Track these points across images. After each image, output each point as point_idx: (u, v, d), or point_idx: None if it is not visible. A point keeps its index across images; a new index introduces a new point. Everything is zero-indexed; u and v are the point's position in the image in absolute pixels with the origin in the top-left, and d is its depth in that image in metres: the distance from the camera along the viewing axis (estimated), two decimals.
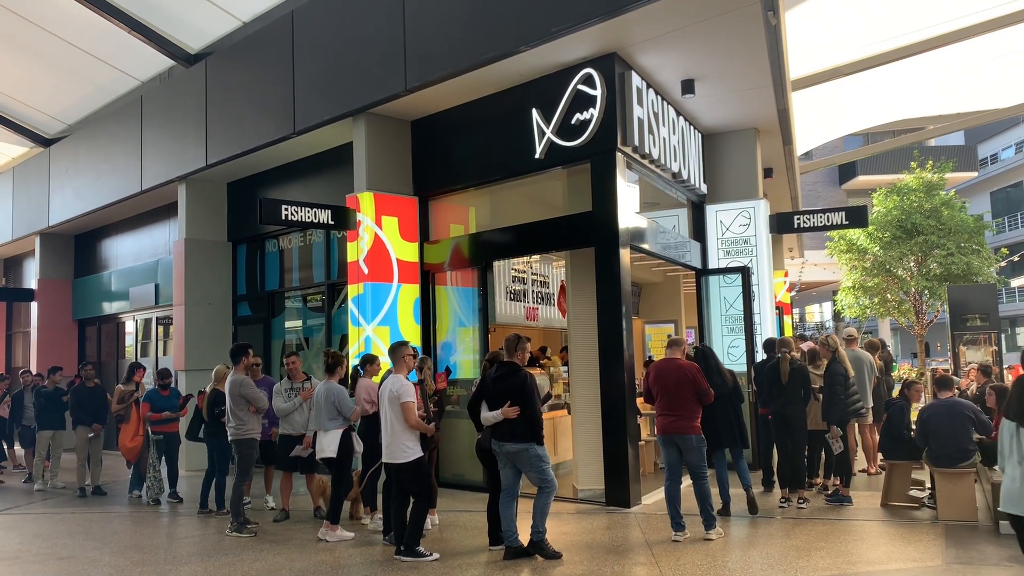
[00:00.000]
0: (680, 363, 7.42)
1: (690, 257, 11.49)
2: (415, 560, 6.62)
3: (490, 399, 6.86)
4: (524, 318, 12.01)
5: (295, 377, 8.64)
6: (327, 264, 12.24)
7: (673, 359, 7.49)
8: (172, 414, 10.20)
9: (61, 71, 14.92)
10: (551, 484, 6.73)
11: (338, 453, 7.74)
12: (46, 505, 10.30)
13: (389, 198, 10.31)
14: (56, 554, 7.36)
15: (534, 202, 10.93)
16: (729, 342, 11.52)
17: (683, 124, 10.79)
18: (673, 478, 7.41)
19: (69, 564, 6.96)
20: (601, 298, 8.93)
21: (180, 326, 13.46)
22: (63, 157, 16.70)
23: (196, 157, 12.91)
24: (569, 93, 9.05)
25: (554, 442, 11.26)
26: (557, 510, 8.57)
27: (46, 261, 18.22)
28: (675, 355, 7.53)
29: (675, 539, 7.15)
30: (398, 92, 9.73)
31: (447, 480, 10.29)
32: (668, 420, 7.33)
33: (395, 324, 10.09)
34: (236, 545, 7.54)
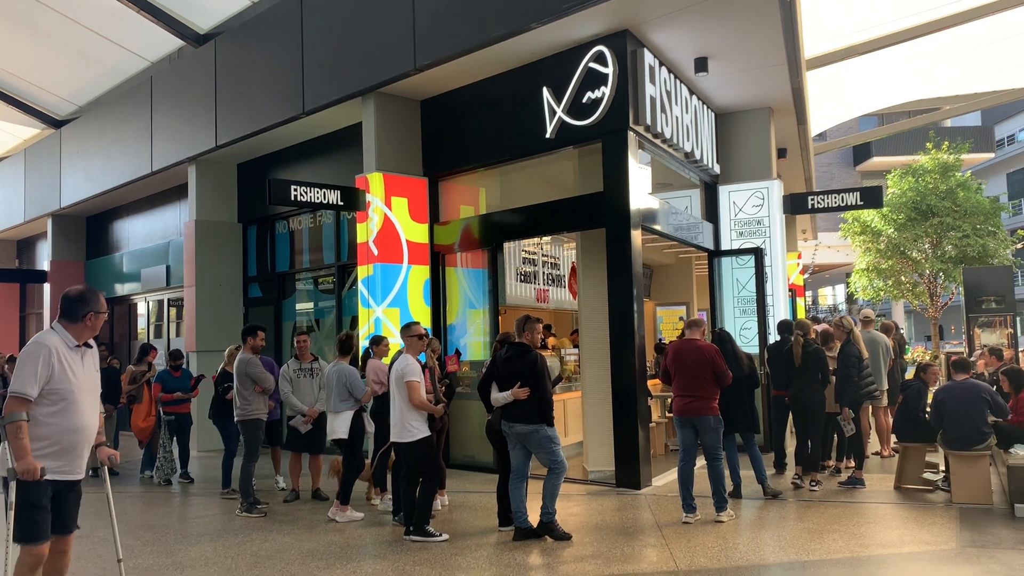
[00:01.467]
0: (699, 344, 7.36)
1: (702, 238, 11.39)
2: (424, 540, 6.61)
3: (500, 380, 6.83)
4: (535, 300, 11.97)
5: (303, 357, 8.61)
6: (337, 245, 12.20)
7: (692, 340, 7.43)
8: (184, 395, 10.22)
9: (72, 52, 14.88)
10: (561, 465, 6.69)
11: (349, 434, 7.74)
12: None
13: (399, 179, 10.24)
14: None
15: (545, 183, 10.85)
16: (741, 324, 11.43)
17: (696, 103, 10.66)
18: (687, 459, 7.37)
19: (80, 543, 6.95)
20: (612, 280, 8.86)
21: (191, 307, 13.48)
22: (74, 138, 16.70)
23: (206, 138, 12.87)
24: (580, 71, 8.94)
25: (564, 423, 11.24)
26: (567, 491, 8.54)
27: (58, 243, 18.28)
28: (694, 336, 7.47)
29: (686, 521, 7.11)
30: (407, 71, 9.64)
31: (457, 461, 10.29)
32: (686, 401, 7.28)
33: (405, 306, 10.06)
34: (246, 525, 7.56)
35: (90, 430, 4.34)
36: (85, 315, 4.31)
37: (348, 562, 6.14)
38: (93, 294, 4.38)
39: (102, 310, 4.39)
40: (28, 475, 4.02)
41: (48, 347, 4.16)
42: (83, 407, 4.26)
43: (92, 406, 4.34)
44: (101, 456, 4.56)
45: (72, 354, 4.26)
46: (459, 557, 6.20)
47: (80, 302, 4.32)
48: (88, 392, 4.31)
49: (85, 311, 4.31)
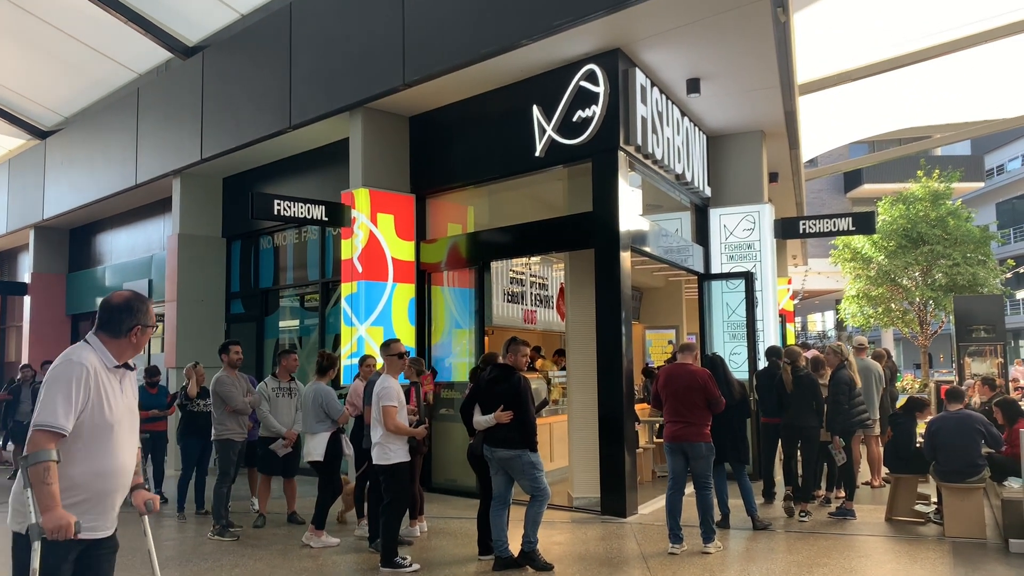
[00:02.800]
0: (692, 368, 7.18)
1: (692, 261, 11.24)
2: (393, 571, 6.36)
3: (483, 403, 6.62)
4: (522, 320, 11.78)
5: (282, 376, 8.35)
6: (322, 262, 12.00)
7: (684, 364, 7.25)
8: (160, 412, 9.95)
9: (58, 62, 14.68)
10: (544, 492, 6.48)
11: (325, 456, 7.49)
12: None
13: (385, 195, 10.06)
14: None
15: (534, 202, 10.70)
16: (731, 349, 11.26)
17: (688, 125, 10.54)
18: (676, 487, 7.16)
19: None
20: (600, 301, 8.68)
21: (172, 323, 13.22)
22: (59, 149, 16.48)
23: (191, 151, 12.68)
24: (571, 90, 8.81)
25: (551, 447, 11.02)
26: (551, 519, 8.32)
27: (40, 255, 18.01)
28: (686, 360, 7.29)
29: (672, 551, 6.89)
30: (396, 86, 9.49)
31: (440, 485, 10.05)
32: (677, 427, 7.08)
33: (389, 324, 9.84)
34: (217, 549, 7.29)
35: (127, 473, 3.39)
36: (131, 329, 3.39)
37: None
38: (142, 303, 3.47)
39: (151, 323, 3.48)
40: (58, 533, 3.05)
41: (85, 367, 3.25)
42: (120, 445, 3.33)
43: (131, 443, 3.42)
44: (137, 502, 3.53)
45: (110, 377, 3.35)
46: None
47: (126, 312, 3.40)
48: (127, 425, 3.39)
49: (131, 324, 3.39)
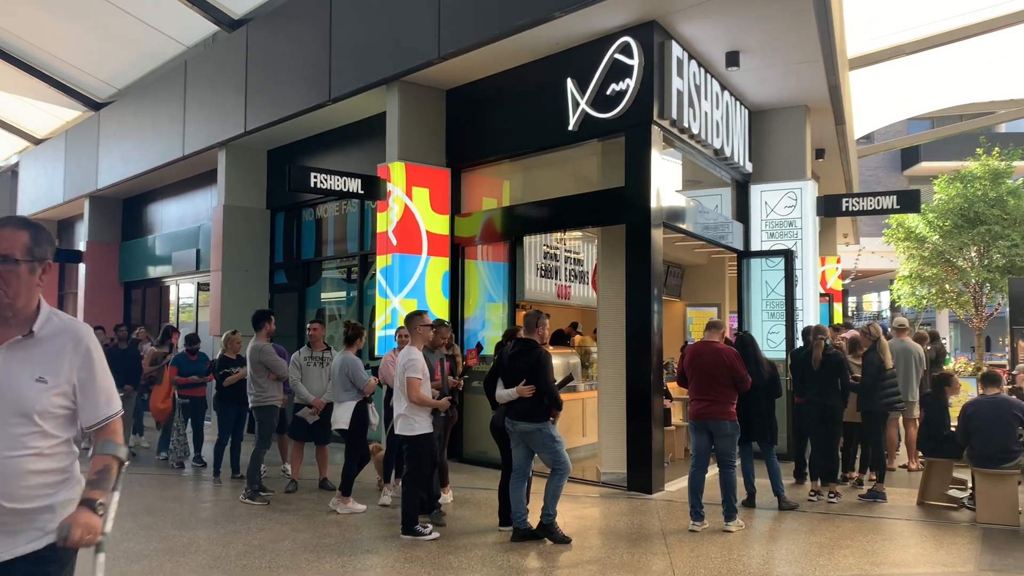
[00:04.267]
0: (717, 346, 7.11)
1: (732, 238, 11.08)
2: (413, 538, 6.46)
3: (506, 376, 6.66)
4: (555, 295, 11.75)
5: (315, 345, 8.52)
6: (361, 235, 12.12)
7: (711, 342, 7.18)
8: (199, 379, 10.21)
9: (111, 36, 15.00)
10: (564, 466, 6.50)
11: (351, 425, 7.63)
12: None
13: (420, 168, 10.11)
14: None
15: (570, 176, 10.64)
16: (769, 328, 11.11)
17: (728, 99, 10.35)
18: (699, 465, 7.12)
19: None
20: (630, 277, 8.62)
21: (217, 292, 13.51)
22: (112, 121, 16.88)
23: (236, 123, 12.87)
24: (605, 63, 8.70)
25: (582, 423, 11.04)
26: (578, 492, 8.37)
27: (94, 224, 18.52)
28: (713, 338, 7.22)
29: (692, 529, 6.87)
30: (431, 60, 9.49)
31: (470, 456, 10.17)
32: (702, 405, 7.03)
33: (423, 297, 9.93)
34: (246, 512, 7.49)
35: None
36: None
37: (338, 556, 6.02)
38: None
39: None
40: None
41: None
42: None
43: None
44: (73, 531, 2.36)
45: None
46: (452, 556, 6.04)
47: None
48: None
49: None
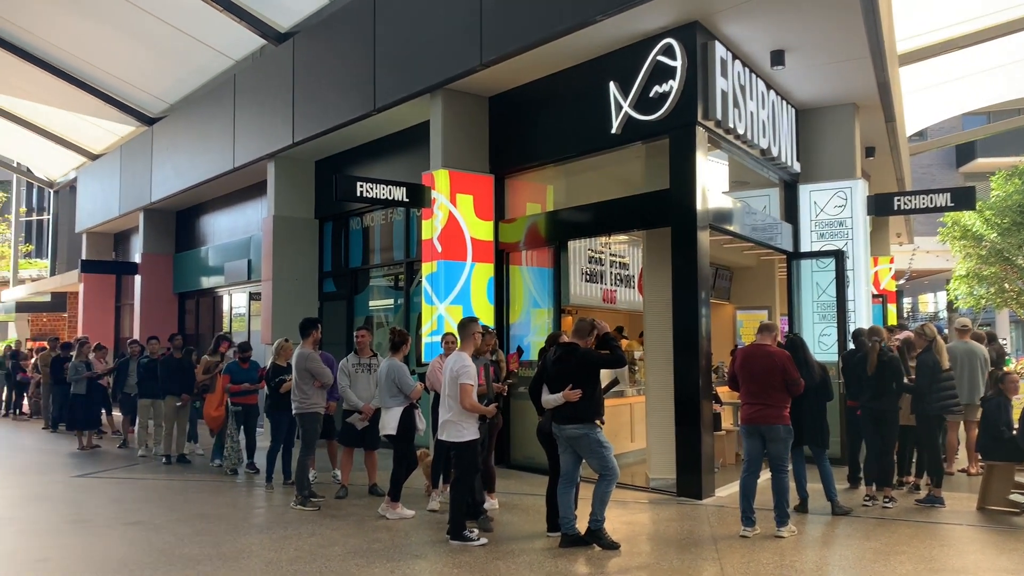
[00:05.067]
0: (770, 349, 7.00)
1: (780, 240, 10.92)
2: (462, 544, 6.48)
3: (551, 382, 6.65)
4: (601, 300, 11.70)
5: (362, 352, 8.61)
6: (407, 243, 12.23)
7: (763, 345, 7.07)
8: (251, 386, 10.36)
9: (162, 51, 15.38)
10: (612, 472, 6.47)
11: (398, 431, 7.68)
12: (131, 471, 10.69)
13: (464, 175, 10.16)
14: (126, 519, 7.58)
15: (613, 179, 10.59)
16: (820, 330, 10.92)
17: (774, 98, 10.21)
18: (751, 470, 7.02)
19: (134, 529, 7.15)
20: (677, 281, 8.55)
21: (268, 301, 13.73)
22: (164, 135, 17.29)
23: (283, 135, 13.09)
24: (648, 65, 8.65)
25: (630, 428, 10.97)
26: (627, 498, 8.31)
27: (149, 236, 18.97)
28: (765, 341, 7.11)
29: (744, 534, 6.77)
30: (473, 67, 9.54)
31: (517, 462, 10.17)
32: (754, 409, 6.94)
33: (468, 303, 9.97)
34: (297, 518, 7.59)
35: None
36: None
37: (388, 561, 6.07)
38: None
39: None
40: None
41: None
42: None
43: None
44: None
45: None
46: (500, 561, 6.04)
47: None
48: None
49: None
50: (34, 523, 7.68)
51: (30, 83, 17.82)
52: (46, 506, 8.45)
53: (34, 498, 8.97)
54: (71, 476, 10.22)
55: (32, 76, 17.21)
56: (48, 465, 11.26)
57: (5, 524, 7.69)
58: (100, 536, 6.96)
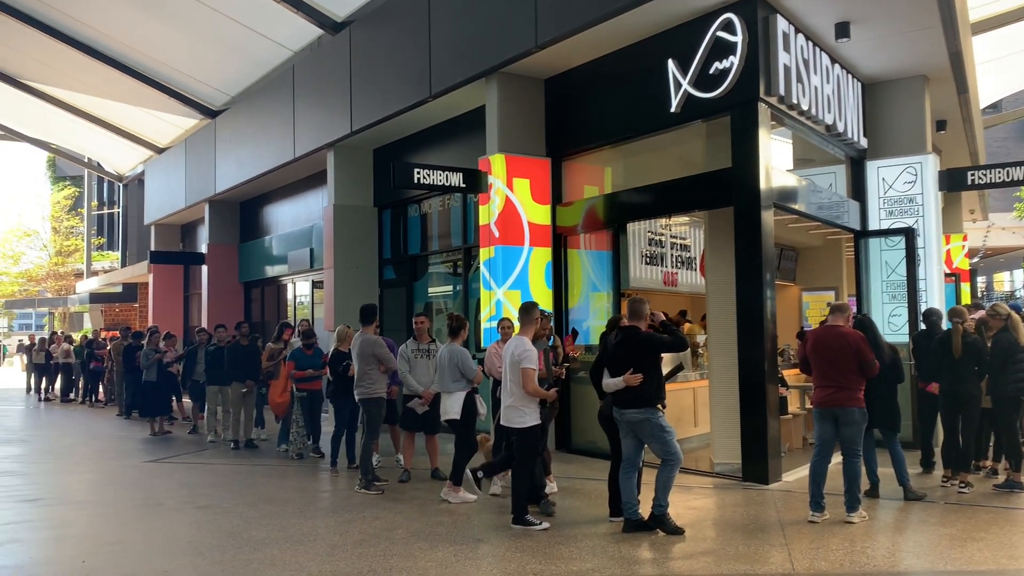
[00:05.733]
0: (843, 331, 6.79)
1: (847, 218, 10.62)
2: (524, 528, 6.46)
3: (611, 365, 6.57)
4: (662, 283, 11.53)
5: (421, 338, 8.64)
6: (464, 228, 12.24)
7: (835, 326, 6.86)
8: (315, 372, 10.50)
9: (224, 45, 15.66)
10: (675, 456, 6.37)
11: (461, 415, 7.70)
12: (200, 456, 10.95)
13: (520, 160, 10.11)
14: (195, 503, 7.76)
15: (672, 160, 10.41)
16: (890, 311, 10.59)
17: (839, 72, 9.89)
18: (823, 455, 6.84)
19: (203, 513, 7.31)
20: (740, 262, 8.37)
21: (330, 289, 13.91)
22: (227, 127, 17.61)
23: (342, 124, 13.20)
24: (707, 41, 8.46)
25: (693, 412, 10.82)
26: (691, 483, 8.20)
27: (214, 227, 19.40)
28: (837, 322, 6.90)
29: (812, 519, 6.61)
30: (529, 49, 9.47)
31: (579, 446, 10.13)
32: (828, 392, 6.74)
33: (526, 288, 9.93)
34: (362, 502, 7.67)
35: None
36: None
37: (451, 545, 6.08)
38: None
39: None
40: None
41: None
42: None
43: None
44: None
45: None
46: (562, 546, 6.01)
47: None
48: None
49: None
50: (108, 507, 7.93)
51: (97, 79, 18.34)
52: (119, 490, 8.72)
53: (108, 483, 9.27)
54: (143, 461, 10.52)
55: (99, 72, 17.70)
56: (122, 451, 11.62)
57: (81, 508, 7.97)
58: (170, 519, 7.14)
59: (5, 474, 9.69)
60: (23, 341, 26.48)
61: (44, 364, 21.00)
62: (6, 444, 12.54)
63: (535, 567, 5.51)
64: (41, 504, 8.04)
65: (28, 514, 7.53)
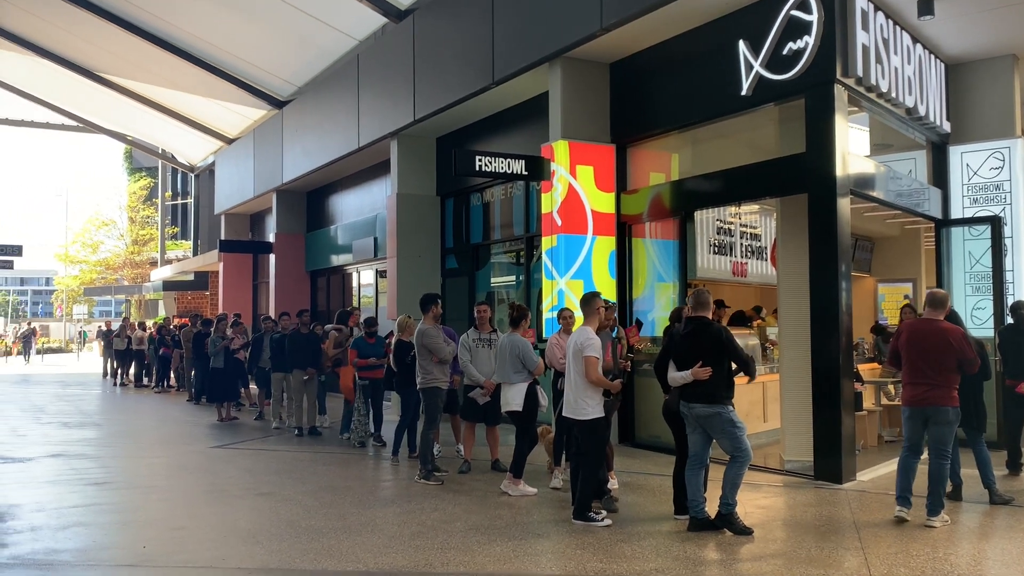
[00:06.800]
0: (942, 325, 6.41)
1: (928, 206, 10.13)
2: (586, 524, 6.28)
3: (678, 358, 6.33)
4: (730, 273, 11.19)
5: (482, 327, 8.51)
6: (526, 217, 12.09)
7: (933, 320, 6.47)
8: (377, 361, 10.49)
9: (290, 35, 15.79)
10: (745, 453, 6.11)
11: (523, 407, 7.56)
12: (264, 442, 11.06)
13: (584, 146, 9.89)
14: (258, 490, 7.80)
15: (742, 145, 10.06)
16: (974, 304, 10.08)
17: (921, 52, 9.41)
18: (913, 453, 6.50)
19: (265, 500, 7.33)
20: (814, 252, 8.01)
21: (393, 278, 13.92)
22: (293, 118, 17.78)
23: (405, 112, 13.16)
24: (780, 20, 8.10)
25: (763, 408, 10.47)
26: (760, 481, 7.92)
27: (282, 216, 19.65)
28: (935, 315, 6.51)
29: (899, 515, 6.27)
30: (593, 32, 9.24)
31: (643, 441, 9.90)
32: (920, 390, 6.37)
33: (589, 277, 9.72)
34: (421, 492, 7.59)
35: None
36: None
37: (509, 539, 5.95)
38: None
39: None
40: None
41: None
42: None
43: None
44: None
45: None
46: (625, 544, 5.82)
47: None
48: None
49: None
50: (174, 492, 8.03)
51: (170, 72, 18.73)
52: (185, 476, 8.84)
53: (175, 468, 9.41)
54: (209, 447, 10.67)
55: (172, 65, 18.07)
56: (189, 436, 11.82)
57: (149, 492, 8.09)
58: (232, 506, 7.18)
59: (77, 457, 9.92)
60: (102, 327, 27.34)
61: (123, 350, 21.63)
62: (81, 427, 12.89)
63: (595, 565, 5.34)
64: (108, 488, 8.18)
65: (95, 497, 7.67)
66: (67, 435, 11.90)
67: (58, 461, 9.63)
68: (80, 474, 8.80)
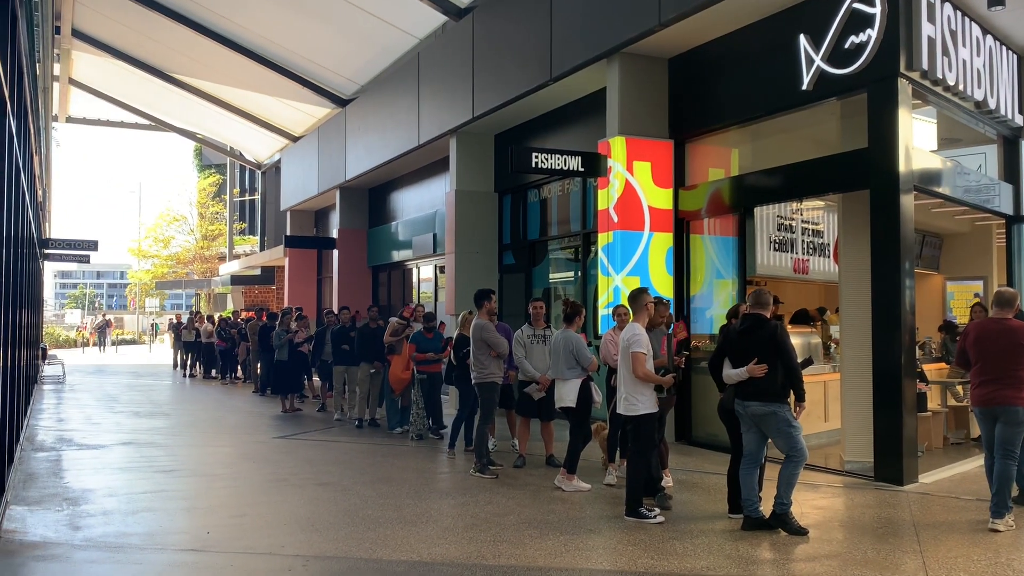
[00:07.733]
0: (1011, 324, 6.25)
1: (999, 202, 9.86)
2: (637, 521, 6.29)
3: (734, 356, 6.29)
4: (791, 270, 11.01)
5: (537, 323, 8.56)
6: (583, 214, 12.08)
7: (1002, 319, 6.33)
8: (435, 355, 10.62)
9: (352, 34, 16.04)
10: (801, 453, 6.05)
11: (577, 403, 7.59)
12: (326, 434, 11.31)
13: (641, 142, 9.85)
14: (318, 479, 8.00)
15: (803, 140, 9.89)
16: None
17: (991, 43, 9.12)
18: (992, 453, 6.37)
19: (324, 490, 7.51)
20: (877, 249, 7.86)
21: (451, 273, 14.06)
22: (356, 116, 18.08)
23: (464, 110, 13.27)
24: (842, 13, 7.95)
25: (824, 407, 10.29)
26: (818, 481, 7.81)
27: (345, 212, 20.01)
28: (1004, 314, 6.35)
29: (992, 527, 6.10)
30: (652, 27, 9.19)
31: (699, 439, 9.83)
32: (990, 390, 6.24)
33: (646, 274, 9.69)
34: (476, 486, 7.69)
35: None
36: None
37: (561, 534, 5.99)
38: None
39: None
40: None
41: None
42: None
43: None
44: None
45: None
46: (677, 541, 5.81)
47: None
48: None
49: None
50: (238, 480, 8.28)
51: (238, 71, 19.18)
52: (249, 465, 9.10)
53: (240, 457, 9.70)
54: (272, 437, 10.96)
55: (240, 65, 18.50)
56: (254, 426, 12.15)
57: (214, 480, 8.36)
58: (292, 495, 7.37)
59: (148, 445, 10.30)
60: (172, 320, 28.25)
61: (193, 342, 22.32)
62: (151, 417, 13.35)
63: (646, 562, 5.35)
64: (176, 475, 8.48)
65: (164, 484, 7.96)
66: (138, 424, 12.35)
67: (129, 449, 10.01)
68: (149, 461, 9.14)
